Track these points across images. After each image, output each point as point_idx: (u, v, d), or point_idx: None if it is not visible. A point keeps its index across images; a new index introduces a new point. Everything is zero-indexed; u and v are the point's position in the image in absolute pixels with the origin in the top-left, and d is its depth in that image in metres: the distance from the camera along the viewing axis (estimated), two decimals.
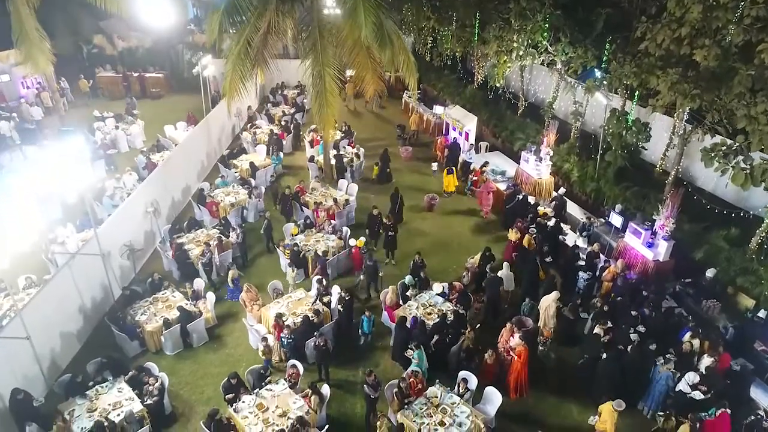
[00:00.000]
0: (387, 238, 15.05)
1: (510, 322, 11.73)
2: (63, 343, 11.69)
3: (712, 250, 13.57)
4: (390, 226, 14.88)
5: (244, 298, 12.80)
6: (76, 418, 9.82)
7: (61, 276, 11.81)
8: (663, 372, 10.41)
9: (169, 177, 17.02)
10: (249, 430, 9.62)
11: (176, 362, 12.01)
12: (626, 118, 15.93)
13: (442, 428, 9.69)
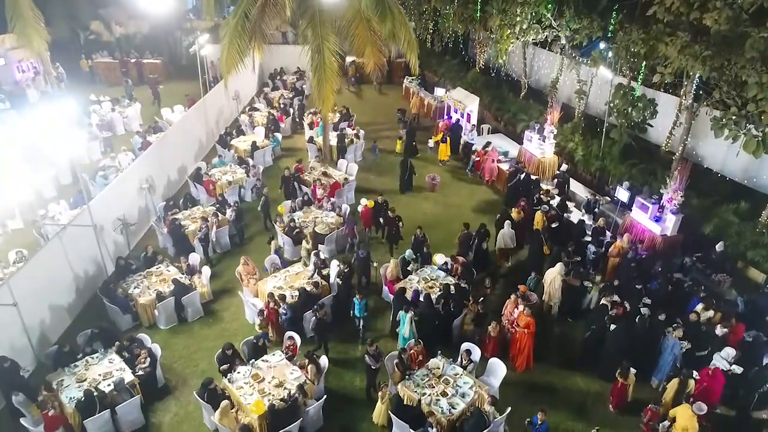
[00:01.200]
0: (392, 231, 14.20)
1: (515, 293, 11.36)
2: (53, 316, 11.33)
3: (721, 224, 13.21)
4: (395, 219, 13.93)
5: (241, 272, 12.44)
6: (64, 388, 9.47)
7: (52, 247, 11.46)
8: (671, 340, 10.02)
9: (165, 155, 16.68)
10: (244, 400, 9.27)
11: (170, 336, 11.66)
12: (632, 93, 15.53)
13: (444, 399, 9.34)
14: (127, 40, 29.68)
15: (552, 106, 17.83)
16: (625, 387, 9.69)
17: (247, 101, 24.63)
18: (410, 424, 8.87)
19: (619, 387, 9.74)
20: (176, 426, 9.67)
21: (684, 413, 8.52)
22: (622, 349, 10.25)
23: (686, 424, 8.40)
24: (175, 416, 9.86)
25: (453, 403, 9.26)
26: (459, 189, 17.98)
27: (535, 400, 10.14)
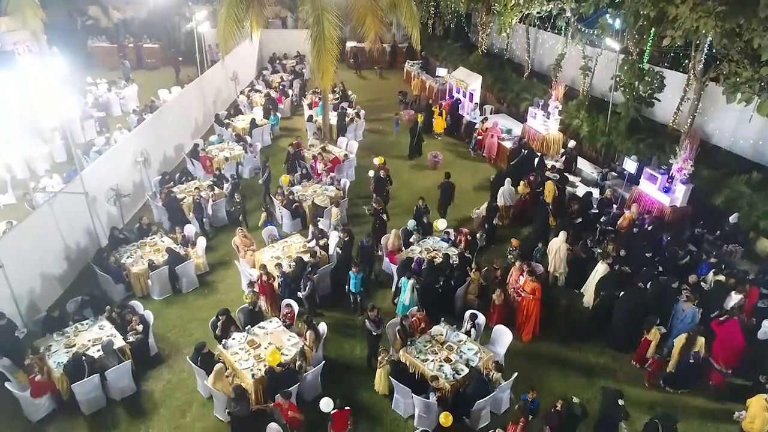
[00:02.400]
0: (381, 194, 13.88)
1: (519, 261, 10.98)
2: (44, 285, 10.96)
3: (732, 195, 12.80)
4: (380, 210, 12.79)
5: (238, 243, 12.07)
6: (52, 353, 9.11)
7: (42, 214, 11.09)
8: (688, 309, 9.62)
9: (161, 131, 16.30)
10: (239, 366, 8.89)
11: (163, 307, 11.28)
12: (640, 65, 15.11)
13: (448, 365, 8.96)
14: (124, 25, 29.28)
15: (557, 81, 17.43)
16: (647, 343, 9.37)
17: (245, 84, 24.25)
18: (411, 389, 8.51)
19: (642, 342, 9.49)
20: (169, 393, 9.30)
21: (758, 403, 8.05)
22: (631, 317, 9.89)
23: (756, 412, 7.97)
24: (168, 384, 9.49)
25: (457, 369, 8.88)
26: (461, 167, 17.56)
27: (542, 369, 9.82)
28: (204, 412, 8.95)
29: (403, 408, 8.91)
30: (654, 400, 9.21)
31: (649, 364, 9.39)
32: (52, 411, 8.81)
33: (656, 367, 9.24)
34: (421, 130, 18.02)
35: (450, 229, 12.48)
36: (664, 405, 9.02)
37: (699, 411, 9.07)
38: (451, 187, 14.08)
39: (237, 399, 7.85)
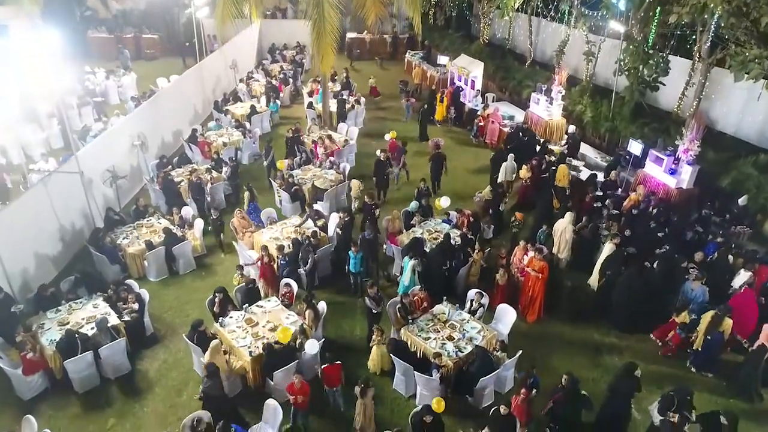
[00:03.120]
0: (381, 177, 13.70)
1: (523, 240, 10.75)
2: (38, 266, 10.73)
3: (739, 177, 12.58)
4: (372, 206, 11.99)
5: (236, 224, 11.85)
6: (45, 331, 8.89)
7: (36, 193, 10.89)
8: (697, 287, 9.38)
9: (159, 115, 16.07)
10: (236, 343, 8.67)
11: (160, 288, 11.07)
12: (645, 46, 14.84)
13: (450, 342, 8.73)
14: (123, 16, 29.07)
15: (560, 66, 17.20)
16: (674, 324, 9.24)
17: (244, 73, 24.03)
18: (413, 366, 8.29)
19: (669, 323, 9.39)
20: (164, 373, 9.09)
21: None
22: (636, 297, 9.67)
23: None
24: (164, 363, 9.28)
25: (460, 347, 8.66)
26: (463, 153, 17.34)
27: (547, 350, 9.60)
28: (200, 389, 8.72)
29: (404, 387, 8.69)
30: (663, 377, 8.97)
31: (671, 337, 9.25)
32: (45, 389, 8.61)
33: (677, 342, 9.11)
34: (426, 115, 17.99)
35: (452, 210, 12.23)
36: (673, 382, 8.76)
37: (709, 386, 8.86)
38: (441, 158, 14.34)
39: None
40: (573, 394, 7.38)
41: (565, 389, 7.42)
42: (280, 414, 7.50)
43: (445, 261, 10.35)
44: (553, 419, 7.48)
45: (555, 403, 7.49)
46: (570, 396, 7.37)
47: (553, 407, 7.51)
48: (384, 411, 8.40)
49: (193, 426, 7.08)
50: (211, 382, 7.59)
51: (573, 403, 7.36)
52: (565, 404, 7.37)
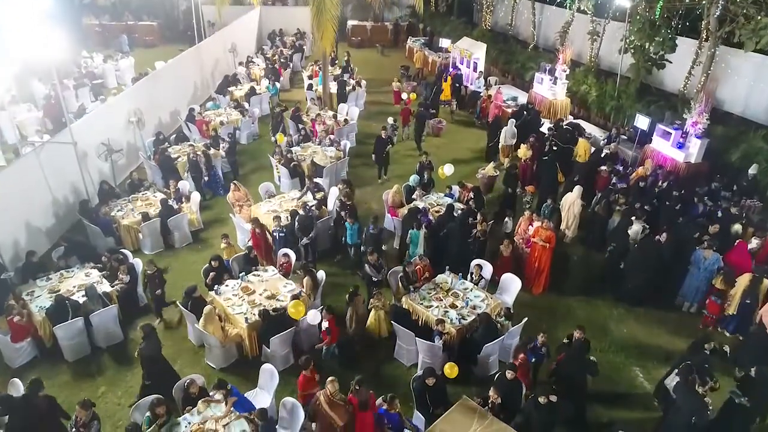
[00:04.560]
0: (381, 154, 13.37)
1: (528, 210, 10.46)
2: (29, 238, 10.45)
3: (749, 151, 12.27)
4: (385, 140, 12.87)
5: (232, 198, 11.57)
6: (35, 298, 8.62)
7: (28, 163, 10.62)
8: (710, 256, 9.06)
9: (156, 93, 15.79)
10: (232, 311, 8.40)
11: (155, 261, 10.63)
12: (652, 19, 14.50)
13: (453, 310, 8.44)
14: (122, 4, 28.82)
15: (563, 46, 16.91)
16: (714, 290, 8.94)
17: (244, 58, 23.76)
18: (414, 333, 8.00)
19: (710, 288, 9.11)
20: None
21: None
22: (644, 269, 9.37)
23: None
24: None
25: (463, 315, 8.37)
26: (466, 135, 17.04)
27: (552, 321, 9.31)
28: (195, 359, 8.47)
29: (405, 356, 8.41)
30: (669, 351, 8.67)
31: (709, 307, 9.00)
32: (34, 358, 8.34)
33: (716, 311, 8.87)
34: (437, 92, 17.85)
35: (455, 184, 11.94)
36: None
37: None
38: (426, 116, 15.23)
39: (146, 337, 7.36)
40: (578, 355, 7.10)
41: (571, 350, 7.15)
42: (276, 379, 7.23)
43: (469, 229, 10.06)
44: (558, 380, 7.19)
45: (558, 364, 7.22)
46: (575, 358, 7.09)
47: (556, 368, 7.24)
48: (384, 380, 8.12)
49: (185, 388, 6.81)
50: (146, 343, 7.33)
51: (577, 365, 7.06)
52: (569, 365, 7.08)
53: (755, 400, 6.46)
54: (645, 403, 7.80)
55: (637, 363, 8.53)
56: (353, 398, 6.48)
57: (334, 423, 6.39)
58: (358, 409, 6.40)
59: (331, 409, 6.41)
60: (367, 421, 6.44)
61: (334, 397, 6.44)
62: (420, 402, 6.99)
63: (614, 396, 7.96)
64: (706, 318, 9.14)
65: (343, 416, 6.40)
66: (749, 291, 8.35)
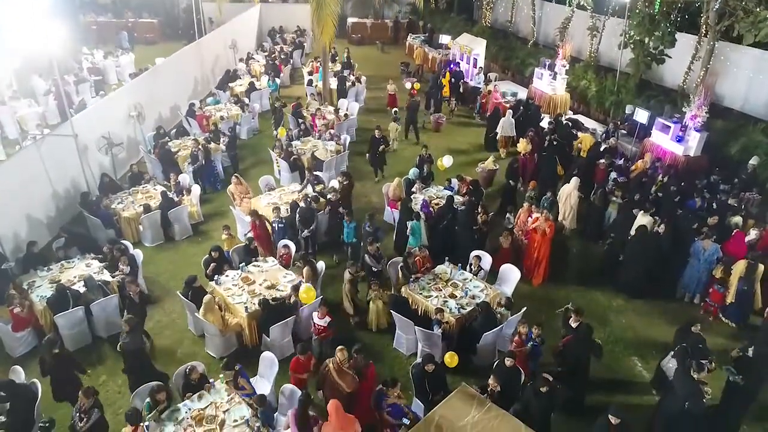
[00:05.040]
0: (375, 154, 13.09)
1: (527, 202, 10.49)
2: (30, 230, 10.48)
3: (749, 144, 12.29)
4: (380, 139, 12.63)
5: (233, 191, 11.60)
6: (36, 288, 8.65)
7: (29, 155, 10.65)
8: (709, 247, 9.08)
9: (156, 88, 15.83)
10: (232, 300, 8.42)
11: (155, 253, 10.84)
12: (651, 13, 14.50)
13: (452, 300, 8.47)
14: (122, 2, 28.88)
15: (563, 41, 16.94)
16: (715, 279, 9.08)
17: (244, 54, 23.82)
18: (414, 322, 8.03)
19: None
20: (158, 331, 8.83)
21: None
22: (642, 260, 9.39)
23: None
24: (158, 323, 9.03)
25: (462, 304, 8.39)
26: (466, 129, 17.10)
27: (552, 312, 9.26)
28: (195, 349, 8.49)
29: (405, 345, 8.43)
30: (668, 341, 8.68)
31: (710, 295, 9.10)
32: (34, 347, 8.35)
33: (718, 299, 8.96)
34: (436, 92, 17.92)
35: (454, 178, 11.97)
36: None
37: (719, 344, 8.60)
38: (416, 105, 15.66)
39: (130, 332, 7.26)
40: (585, 337, 7.15)
41: (578, 332, 7.18)
42: (276, 367, 7.26)
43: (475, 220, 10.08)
44: (563, 362, 7.22)
45: (565, 345, 7.23)
46: (581, 339, 7.13)
47: (563, 350, 7.26)
48: (383, 369, 8.14)
49: (186, 374, 6.84)
50: (130, 338, 7.25)
51: (584, 347, 7.09)
52: (576, 347, 7.11)
53: (750, 380, 6.49)
54: (643, 391, 7.83)
55: (636, 353, 8.56)
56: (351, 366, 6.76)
57: (342, 390, 6.62)
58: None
59: (340, 377, 6.68)
60: (365, 390, 6.70)
61: (343, 365, 6.73)
62: (419, 389, 7.01)
63: (613, 384, 7.99)
64: (706, 305, 9.20)
65: (350, 384, 6.67)
66: (745, 277, 8.38)
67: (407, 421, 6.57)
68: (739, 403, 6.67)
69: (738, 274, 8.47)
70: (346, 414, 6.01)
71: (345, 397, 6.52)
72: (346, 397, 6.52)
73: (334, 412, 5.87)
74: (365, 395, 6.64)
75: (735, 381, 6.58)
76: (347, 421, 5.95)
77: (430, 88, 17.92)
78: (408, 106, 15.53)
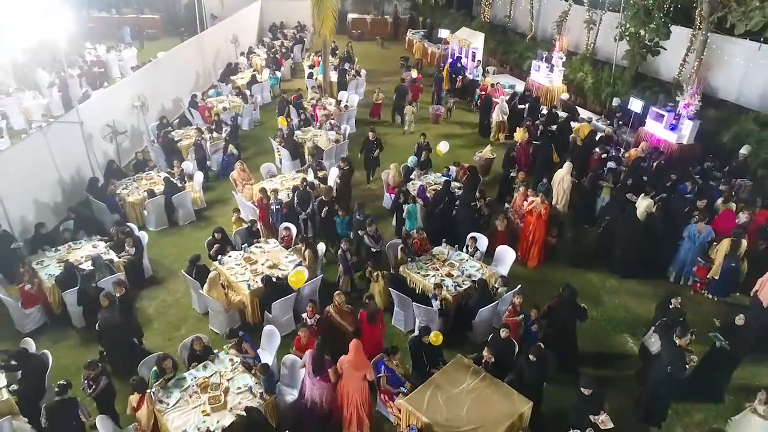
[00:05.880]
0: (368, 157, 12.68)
1: (523, 186, 10.73)
2: (38, 214, 10.72)
3: (741, 132, 12.53)
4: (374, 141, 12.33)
5: (236, 177, 11.85)
6: (44, 267, 8.90)
7: (36, 140, 10.93)
8: (703, 229, 9.32)
9: (159, 80, 16.06)
10: (235, 279, 8.67)
11: (159, 237, 11.09)
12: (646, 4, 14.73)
13: (449, 279, 8.72)
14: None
15: (561, 34, 17.17)
16: None
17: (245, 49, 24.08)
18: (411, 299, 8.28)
19: None
20: (163, 310, 9.10)
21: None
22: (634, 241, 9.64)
23: None
24: (163, 302, 9.29)
25: (459, 283, 8.64)
26: (463, 122, 17.27)
27: (546, 292, 9.51)
28: (199, 326, 8.72)
29: (403, 322, 8.67)
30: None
31: (695, 272, 9.41)
32: (44, 324, 8.61)
33: (702, 274, 9.29)
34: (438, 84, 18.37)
35: (452, 165, 12.21)
36: None
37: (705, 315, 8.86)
38: (405, 90, 16.22)
39: (108, 307, 7.41)
40: (569, 300, 7.47)
41: (562, 296, 7.47)
42: (278, 340, 7.51)
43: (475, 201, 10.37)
44: (550, 323, 7.51)
45: (550, 308, 7.55)
46: (566, 301, 7.45)
47: (549, 312, 7.56)
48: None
49: (190, 345, 7.08)
50: (109, 314, 7.42)
51: (569, 309, 7.39)
52: (561, 309, 7.40)
53: (736, 345, 6.74)
54: (633, 364, 8.03)
55: (628, 330, 8.81)
56: (363, 312, 7.39)
57: (344, 329, 7.26)
58: (367, 321, 7.32)
59: (341, 318, 7.39)
60: (375, 334, 7.42)
61: (342, 307, 7.48)
62: (416, 361, 7.25)
63: (605, 358, 8.26)
64: (695, 285, 9.47)
65: (352, 323, 7.40)
66: (731, 254, 8.64)
67: (404, 389, 6.82)
68: (725, 368, 6.92)
69: (723, 251, 8.72)
70: (364, 356, 6.55)
71: (350, 335, 7.05)
72: (351, 335, 7.04)
73: (354, 349, 6.43)
74: (376, 338, 7.34)
75: (722, 346, 6.83)
76: (363, 362, 6.50)
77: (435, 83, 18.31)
78: (396, 89, 16.22)
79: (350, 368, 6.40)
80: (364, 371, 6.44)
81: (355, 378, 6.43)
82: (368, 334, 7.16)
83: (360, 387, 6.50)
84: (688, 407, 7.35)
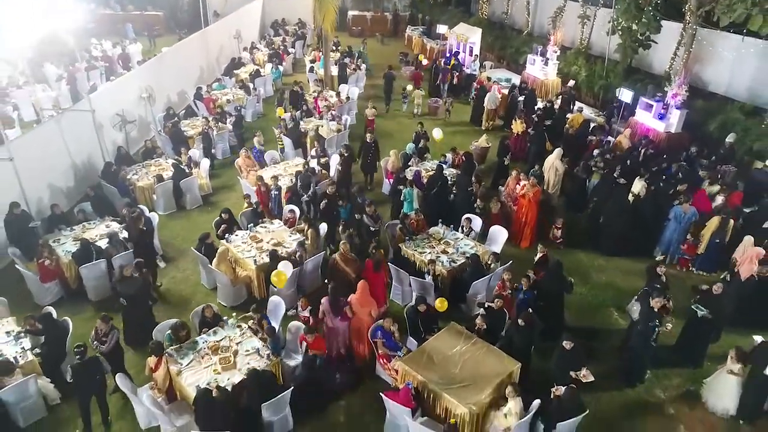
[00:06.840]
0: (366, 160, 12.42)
1: (516, 170, 11.22)
2: (52, 196, 11.20)
3: (727, 120, 13.01)
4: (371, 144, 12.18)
5: (240, 164, 12.34)
6: (61, 244, 9.38)
7: (50, 128, 11.42)
8: (688, 210, 9.80)
9: (164, 73, 16.53)
10: (242, 255, 9.16)
11: (168, 220, 11.58)
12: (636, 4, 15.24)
13: (445, 255, 9.20)
14: None
15: (556, 28, 17.64)
16: None
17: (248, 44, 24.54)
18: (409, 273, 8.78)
19: None
20: (173, 286, 9.59)
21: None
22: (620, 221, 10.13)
23: None
24: (173, 279, 9.78)
25: (454, 259, 9.13)
26: (460, 113, 17.75)
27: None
28: (207, 300, 9.15)
29: (401, 296, 9.15)
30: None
31: (685, 249, 9.96)
32: (60, 298, 9.08)
33: (691, 251, 9.87)
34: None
35: (448, 152, 12.69)
36: None
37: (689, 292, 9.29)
38: (392, 77, 17.34)
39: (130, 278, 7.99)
40: (555, 272, 8.01)
41: (549, 268, 7.97)
42: (283, 308, 8.00)
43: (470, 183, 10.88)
44: (539, 294, 7.97)
45: (537, 281, 8.06)
46: (553, 273, 7.99)
47: (537, 283, 8.03)
48: None
49: (201, 312, 7.57)
50: (128, 284, 7.94)
51: (555, 281, 7.87)
52: (547, 281, 7.88)
53: (715, 313, 7.23)
54: (619, 337, 8.50)
55: (614, 305, 9.29)
56: (369, 261, 8.27)
57: (348, 276, 8.23)
58: (373, 269, 8.20)
59: (346, 265, 8.49)
60: (379, 281, 8.36)
61: (347, 255, 8.57)
62: (413, 328, 7.75)
63: (592, 331, 8.73)
64: (682, 261, 10.03)
65: (355, 270, 8.48)
66: (718, 231, 9.17)
67: (401, 353, 7.31)
68: (705, 336, 7.43)
69: (712, 228, 9.25)
70: (369, 296, 7.66)
71: (353, 281, 7.96)
72: (354, 281, 7.93)
73: (360, 288, 7.58)
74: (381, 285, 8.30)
75: (704, 316, 7.31)
76: (369, 300, 7.63)
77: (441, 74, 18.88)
78: (384, 76, 17.43)
79: (357, 305, 7.51)
80: (369, 308, 7.55)
81: (363, 313, 7.55)
82: (373, 280, 8.10)
83: (367, 322, 7.55)
84: (667, 372, 7.85)
